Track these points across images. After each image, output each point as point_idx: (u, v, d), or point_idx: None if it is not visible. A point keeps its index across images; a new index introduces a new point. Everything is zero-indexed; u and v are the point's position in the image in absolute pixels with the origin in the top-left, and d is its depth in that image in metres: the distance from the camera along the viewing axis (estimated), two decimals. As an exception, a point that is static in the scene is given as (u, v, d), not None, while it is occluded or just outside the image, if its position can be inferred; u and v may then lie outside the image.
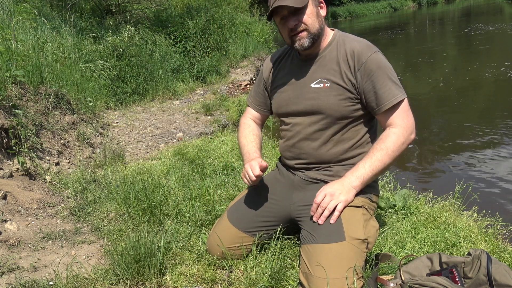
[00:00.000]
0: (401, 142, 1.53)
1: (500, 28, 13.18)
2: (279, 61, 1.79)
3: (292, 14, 1.53)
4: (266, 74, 1.81)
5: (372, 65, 1.52)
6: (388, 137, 1.53)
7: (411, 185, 2.51)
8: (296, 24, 1.54)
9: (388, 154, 1.52)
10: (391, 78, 1.54)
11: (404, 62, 9.72)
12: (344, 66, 1.56)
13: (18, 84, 3.33)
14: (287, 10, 1.53)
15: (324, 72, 1.60)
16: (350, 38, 1.62)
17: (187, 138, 4.41)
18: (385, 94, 1.52)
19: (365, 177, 1.53)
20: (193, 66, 7.50)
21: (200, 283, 1.64)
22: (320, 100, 1.59)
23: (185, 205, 2.23)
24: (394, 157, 1.53)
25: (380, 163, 1.52)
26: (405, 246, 1.78)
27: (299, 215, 1.65)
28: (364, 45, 1.57)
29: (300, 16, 1.53)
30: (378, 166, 1.52)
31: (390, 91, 1.52)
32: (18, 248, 2.04)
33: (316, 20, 1.56)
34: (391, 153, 1.52)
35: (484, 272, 1.36)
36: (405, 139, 1.53)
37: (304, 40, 1.55)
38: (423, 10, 31.81)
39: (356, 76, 1.54)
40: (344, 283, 1.37)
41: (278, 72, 1.77)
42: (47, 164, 3.04)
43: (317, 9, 1.58)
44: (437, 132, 4.88)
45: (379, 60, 1.54)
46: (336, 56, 1.59)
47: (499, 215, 2.10)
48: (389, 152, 1.52)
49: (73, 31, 5.90)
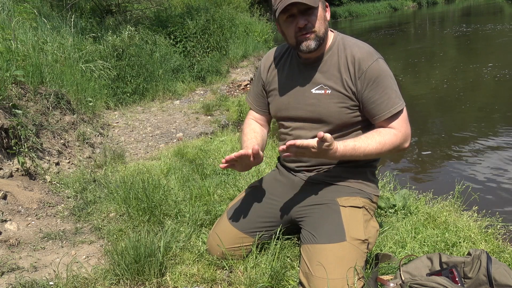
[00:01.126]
0: (396, 144, 1.52)
1: (500, 28, 13.17)
2: (278, 60, 1.74)
3: (302, 13, 1.48)
4: (265, 74, 1.77)
5: (373, 74, 1.50)
6: (388, 134, 1.52)
7: (411, 185, 2.51)
8: (306, 24, 1.48)
9: (380, 148, 1.50)
10: (392, 87, 1.53)
11: (404, 62, 9.72)
12: (345, 73, 1.54)
13: (18, 84, 3.33)
14: (297, 9, 1.47)
15: (325, 78, 1.58)
16: (351, 43, 1.59)
17: (187, 138, 4.41)
18: (385, 103, 1.51)
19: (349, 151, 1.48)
20: (193, 66, 7.50)
21: (200, 283, 1.64)
22: (320, 107, 1.57)
23: (185, 205, 2.23)
24: (381, 153, 1.52)
25: (369, 150, 1.50)
26: (405, 246, 1.78)
27: (299, 216, 1.65)
28: (365, 52, 1.54)
29: (311, 17, 1.49)
30: (366, 151, 1.50)
31: (389, 100, 1.51)
32: (18, 248, 2.04)
33: (323, 23, 1.53)
34: (382, 148, 1.50)
35: (484, 272, 1.36)
36: (400, 144, 1.53)
37: (311, 42, 1.51)
38: (423, 10, 31.81)
39: (356, 84, 1.53)
40: (344, 283, 1.37)
41: (277, 73, 1.73)
42: (47, 164, 3.04)
43: (324, 13, 1.55)
44: (437, 132, 4.88)
45: (380, 69, 1.52)
46: (337, 61, 1.56)
47: (499, 215, 2.11)
48: (383, 147, 1.50)
49: (73, 31, 5.89)
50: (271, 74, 1.75)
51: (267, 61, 1.78)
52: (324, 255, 1.42)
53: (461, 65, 8.56)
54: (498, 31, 12.77)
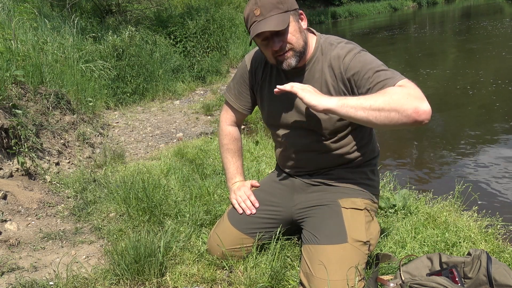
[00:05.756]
0: (409, 102, 1.23)
1: (500, 28, 13.17)
2: (264, 65, 1.66)
3: (275, 35, 1.43)
4: (253, 78, 1.70)
5: (357, 67, 1.42)
6: (394, 92, 1.28)
7: (411, 185, 2.51)
8: (281, 46, 1.44)
9: (387, 104, 1.26)
10: (381, 69, 1.38)
11: (404, 62, 9.71)
12: (330, 77, 1.50)
13: (18, 84, 3.33)
14: (269, 32, 1.43)
15: (312, 85, 1.50)
16: (333, 45, 1.52)
17: (187, 138, 4.41)
18: (378, 85, 1.35)
19: (344, 108, 1.31)
20: (193, 66, 7.50)
21: (200, 283, 1.64)
22: (311, 117, 1.54)
23: (185, 205, 2.23)
24: (389, 117, 1.26)
25: (373, 106, 1.27)
26: (405, 246, 1.78)
27: (300, 217, 1.65)
28: (347, 49, 1.48)
29: (284, 37, 1.43)
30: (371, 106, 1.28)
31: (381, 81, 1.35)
32: (18, 248, 2.04)
33: (300, 36, 1.47)
34: (390, 104, 1.25)
35: (484, 272, 1.36)
36: (416, 106, 1.22)
37: (291, 60, 1.46)
38: (423, 10, 31.78)
39: (344, 83, 1.47)
40: (345, 284, 1.37)
41: (265, 78, 1.67)
42: (47, 164, 3.04)
43: (299, 24, 1.48)
44: (437, 132, 4.88)
45: (362, 59, 1.43)
46: (321, 66, 1.51)
47: (499, 215, 2.10)
48: (390, 104, 1.25)
49: (73, 31, 5.90)
50: (258, 79, 1.69)
51: (254, 62, 1.70)
52: (325, 256, 1.42)
53: (461, 65, 8.56)
54: (498, 31, 12.77)
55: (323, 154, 1.61)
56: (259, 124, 4.63)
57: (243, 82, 1.74)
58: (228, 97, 1.80)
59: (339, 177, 1.64)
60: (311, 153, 1.63)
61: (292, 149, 1.67)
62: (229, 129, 1.84)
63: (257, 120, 4.84)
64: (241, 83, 1.75)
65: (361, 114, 1.29)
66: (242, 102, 1.77)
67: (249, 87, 1.73)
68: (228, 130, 1.84)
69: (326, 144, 1.59)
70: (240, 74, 1.75)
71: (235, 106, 1.79)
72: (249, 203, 1.72)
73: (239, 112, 1.80)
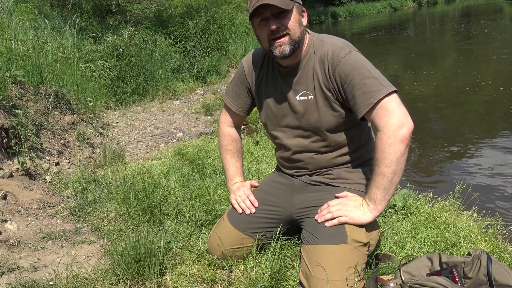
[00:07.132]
0: (392, 144, 1.35)
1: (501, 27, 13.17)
2: (261, 66, 1.68)
3: (275, 16, 1.44)
4: (250, 79, 1.71)
5: (346, 69, 1.43)
6: (378, 150, 1.39)
7: (411, 185, 2.51)
8: (279, 27, 1.44)
9: (390, 168, 1.39)
10: (369, 76, 1.40)
11: (404, 62, 9.72)
12: (321, 75, 1.50)
13: (18, 84, 3.33)
14: (270, 12, 1.43)
15: (305, 84, 1.54)
16: (324, 41, 1.53)
17: (187, 138, 4.41)
18: (361, 97, 1.39)
19: (380, 201, 1.46)
20: (193, 66, 7.51)
21: (200, 283, 1.64)
22: (306, 115, 1.56)
23: (185, 205, 2.23)
24: (396, 163, 1.38)
25: (387, 181, 1.43)
26: (405, 246, 1.78)
27: (300, 217, 1.65)
28: (337, 47, 1.48)
29: (284, 20, 1.44)
30: (389, 185, 1.44)
31: (366, 92, 1.38)
32: (18, 248, 2.04)
33: (299, 27, 1.48)
34: (389, 164, 1.38)
35: (484, 272, 1.36)
36: (394, 140, 1.34)
37: (285, 46, 1.45)
38: (423, 10, 31.80)
39: (332, 82, 1.48)
40: (344, 284, 1.37)
41: (261, 80, 1.68)
42: (47, 164, 3.04)
43: (300, 17, 1.50)
44: (437, 132, 4.88)
45: (353, 61, 1.43)
46: (313, 64, 1.52)
47: (499, 215, 2.10)
48: (388, 166, 1.39)
49: (73, 31, 5.90)
50: (255, 81, 1.70)
51: (249, 65, 1.71)
52: (325, 256, 1.42)
53: (461, 64, 8.56)
54: (498, 31, 12.77)
55: (321, 154, 1.62)
56: (259, 124, 4.62)
57: (241, 84, 1.75)
58: (226, 99, 1.83)
59: (339, 177, 1.64)
60: (309, 154, 1.64)
61: (291, 150, 1.67)
62: (228, 131, 1.86)
63: (257, 120, 4.83)
64: (238, 85, 1.76)
65: (390, 195, 1.48)
66: (240, 104, 1.79)
67: (246, 89, 1.75)
68: (227, 132, 1.86)
69: (324, 145, 1.60)
70: (237, 76, 1.77)
71: (233, 108, 1.81)
72: (249, 202, 1.72)
73: (237, 114, 1.82)
